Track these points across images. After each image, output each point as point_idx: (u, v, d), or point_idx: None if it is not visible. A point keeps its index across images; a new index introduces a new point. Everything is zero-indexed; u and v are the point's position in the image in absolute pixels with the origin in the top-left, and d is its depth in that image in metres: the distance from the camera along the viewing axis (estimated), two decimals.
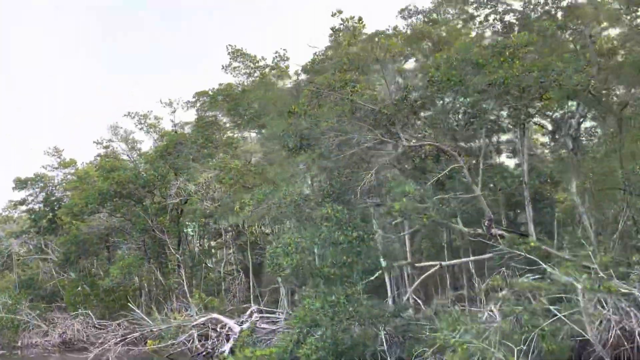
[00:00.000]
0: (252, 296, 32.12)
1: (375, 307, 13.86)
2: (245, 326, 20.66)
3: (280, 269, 13.80)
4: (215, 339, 20.95)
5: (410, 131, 16.92)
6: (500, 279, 13.97)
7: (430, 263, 16.99)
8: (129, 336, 24.52)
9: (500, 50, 15.72)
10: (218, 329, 21.99)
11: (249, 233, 34.41)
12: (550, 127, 23.41)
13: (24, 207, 42.83)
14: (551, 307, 11.87)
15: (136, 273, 34.28)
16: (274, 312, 24.25)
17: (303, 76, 23.84)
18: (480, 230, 16.39)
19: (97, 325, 34.19)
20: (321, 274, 11.64)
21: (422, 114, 18.25)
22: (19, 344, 33.69)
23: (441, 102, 17.77)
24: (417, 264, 17.37)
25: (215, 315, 22.91)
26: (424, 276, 16.56)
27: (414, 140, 16.41)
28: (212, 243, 38.59)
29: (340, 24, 21.01)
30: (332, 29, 21.36)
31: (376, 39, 17.12)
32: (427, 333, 12.71)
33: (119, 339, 25.04)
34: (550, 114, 20.40)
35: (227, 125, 29.62)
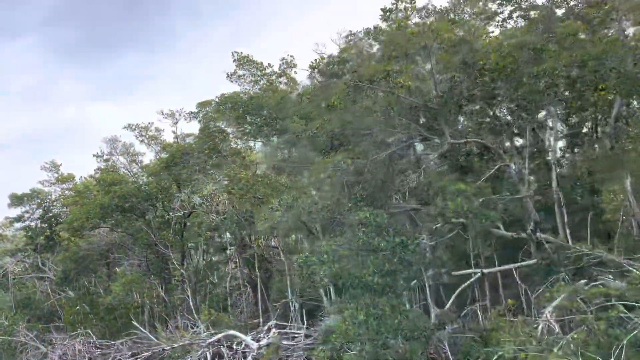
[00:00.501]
0: (260, 311, 30.94)
1: (419, 319, 12.79)
2: (263, 342, 19.49)
3: (313, 279, 12.80)
4: (231, 358, 19.71)
5: (453, 128, 16.04)
6: (561, 286, 12.93)
7: (471, 271, 15.97)
8: (139, 356, 23.14)
9: (560, 37, 14.72)
10: (234, 347, 20.77)
11: (256, 246, 33.32)
12: (564, 130, 22.73)
13: (20, 224, 41.31)
14: (631, 315, 10.78)
15: (138, 290, 32.93)
16: (289, 327, 23.02)
17: (318, 77, 22.98)
18: (523, 235, 15.44)
19: (98, 345, 32.64)
20: (362, 283, 10.61)
21: (466, 108, 17.32)
22: None
23: (489, 94, 16.87)
24: (455, 272, 16.31)
25: (231, 332, 21.67)
26: (464, 285, 15.54)
27: (459, 137, 15.54)
28: (216, 258, 37.36)
29: (393, 3, 19.55)
30: (383, 9, 19.85)
31: (426, 22, 15.97)
32: (476, 346, 11.70)
33: (127, 359, 23.65)
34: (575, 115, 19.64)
35: (233, 134, 28.67)
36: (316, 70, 22.78)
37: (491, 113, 16.67)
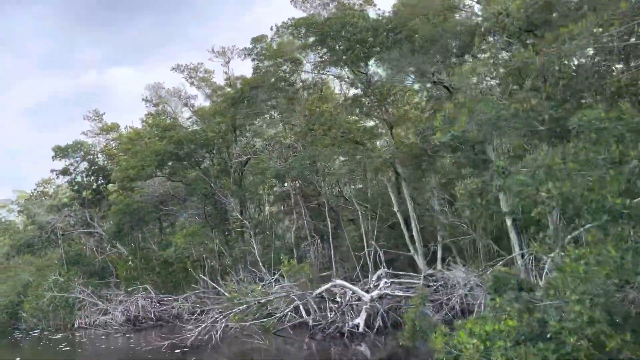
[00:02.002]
0: (333, 263, 28.48)
1: None
2: (374, 294, 16.87)
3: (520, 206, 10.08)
4: (336, 311, 17.22)
5: None
6: None
7: None
8: (231, 310, 20.90)
9: None
10: (337, 299, 18.23)
11: (325, 193, 30.57)
12: None
13: (65, 178, 39.19)
14: None
15: (199, 243, 30.69)
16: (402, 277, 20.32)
17: None
18: None
19: (160, 301, 30.80)
20: (603, 208, 7.60)
21: None
22: (76, 324, 30.47)
23: None
24: None
25: (338, 281, 19.14)
26: None
27: None
28: (279, 207, 34.79)
29: None
30: None
31: None
32: None
33: (217, 313, 21.48)
34: None
35: (310, 63, 25.34)
36: None
37: None
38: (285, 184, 32.54)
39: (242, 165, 31.97)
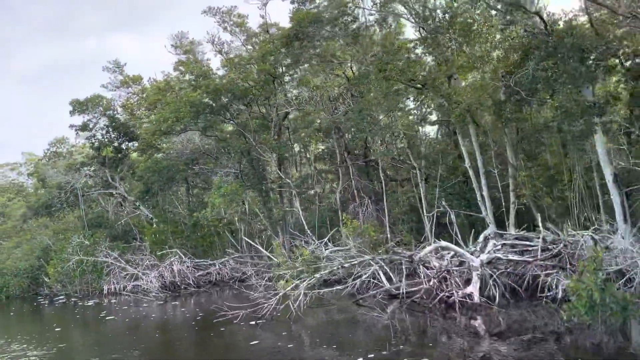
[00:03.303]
0: (387, 225, 25.93)
1: None
2: (484, 257, 14.28)
3: None
4: (433, 278, 14.64)
5: None
6: None
7: None
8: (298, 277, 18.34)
9: None
10: (434, 263, 15.63)
11: (377, 149, 27.83)
12: None
13: (84, 135, 36.35)
14: None
15: (239, 203, 28.09)
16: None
17: None
18: None
19: (196, 266, 28.42)
20: None
21: None
22: (105, 290, 28.17)
23: None
24: None
25: (443, 242, 16.55)
26: None
27: None
28: (324, 165, 32.06)
29: None
30: None
31: None
32: None
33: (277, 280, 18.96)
34: None
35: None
36: None
37: None
38: (330, 140, 29.76)
39: (282, 119, 29.09)
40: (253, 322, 14.56)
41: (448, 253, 15.89)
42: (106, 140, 36.06)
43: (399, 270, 17.23)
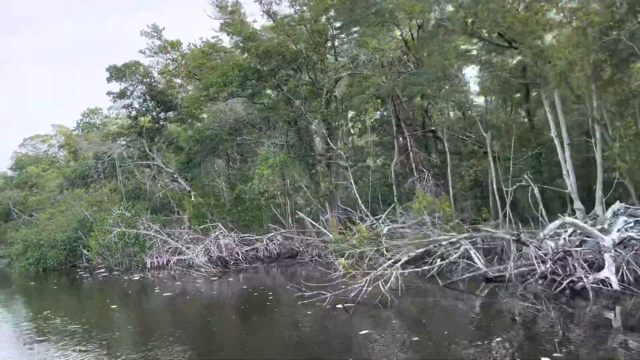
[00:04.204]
0: (452, 202, 23.90)
1: None
2: (614, 236, 12.27)
3: None
4: (549, 260, 12.59)
5: None
6: None
7: None
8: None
9: None
10: (548, 244, 13.54)
11: (443, 118, 25.67)
12: None
13: (122, 104, 34.89)
14: None
15: (289, 174, 26.38)
16: None
17: None
18: None
19: (243, 241, 26.90)
20: None
21: None
22: (149, 264, 26.88)
23: None
24: None
25: (569, 219, 14.40)
26: None
27: None
28: (377, 136, 29.99)
29: None
30: None
31: None
32: None
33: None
34: None
35: None
36: None
37: None
38: (385, 109, 27.69)
39: (333, 86, 27.03)
40: (340, 306, 12.74)
41: (565, 231, 13.84)
42: (143, 109, 34.55)
43: (486, 252, 15.29)
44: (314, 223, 24.53)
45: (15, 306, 20.70)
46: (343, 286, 13.60)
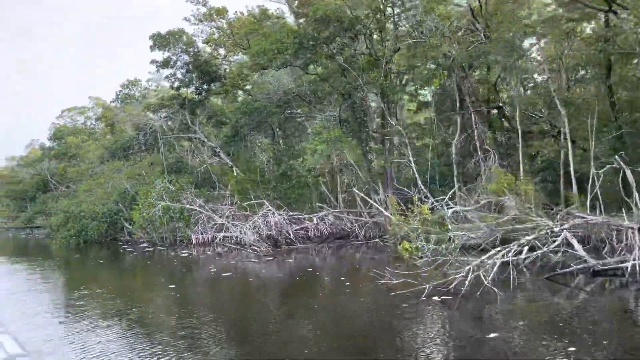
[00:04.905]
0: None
1: None
2: None
3: None
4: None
5: None
6: None
7: None
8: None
9: None
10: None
11: (501, 96, 23.66)
12: None
13: (163, 75, 33.76)
14: None
15: (339, 151, 24.86)
16: None
17: None
18: None
19: (293, 220, 25.61)
20: None
21: None
22: (194, 240, 25.91)
23: None
24: None
25: None
26: None
27: None
28: (429, 115, 28.16)
29: None
30: None
31: None
32: None
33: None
34: None
35: None
36: None
37: None
38: (448, 83, 25.72)
39: (392, 55, 25.15)
40: (437, 298, 11.20)
41: None
42: (186, 79, 33.34)
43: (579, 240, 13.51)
44: (374, 202, 23.00)
45: (68, 282, 19.25)
46: (423, 273, 12.02)
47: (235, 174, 32.13)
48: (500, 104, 24.23)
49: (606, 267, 12.46)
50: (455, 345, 8.70)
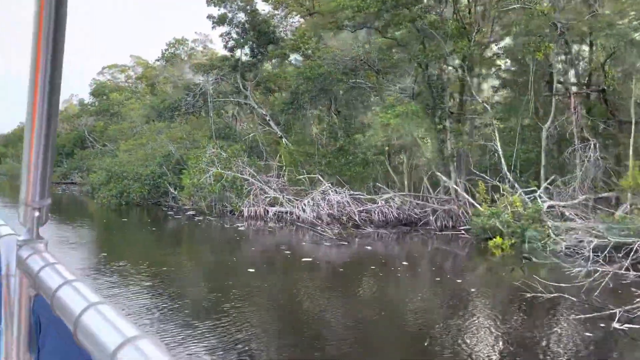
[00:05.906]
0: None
1: None
2: None
3: None
4: None
5: None
6: None
7: None
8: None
9: None
10: None
11: (610, 77, 20.53)
12: None
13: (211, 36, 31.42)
14: None
15: (420, 127, 22.27)
16: None
17: None
18: None
19: (355, 200, 23.27)
20: None
21: None
22: (246, 213, 23.85)
23: None
24: None
25: None
26: None
27: None
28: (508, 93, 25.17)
29: None
30: None
31: None
32: None
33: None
34: None
35: None
36: None
37: None
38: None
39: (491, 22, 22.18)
40: (617, 325, 8.51)
41: None
42: (242, 40, 30.96)
43: None
44: (457, 188, 20.45)
45: (125, 255, 14.94)
46: (582, 283, 9.48)
47: (285, 145, 29.90)
48: (605, 87, 21.13)
49: None
50: None
